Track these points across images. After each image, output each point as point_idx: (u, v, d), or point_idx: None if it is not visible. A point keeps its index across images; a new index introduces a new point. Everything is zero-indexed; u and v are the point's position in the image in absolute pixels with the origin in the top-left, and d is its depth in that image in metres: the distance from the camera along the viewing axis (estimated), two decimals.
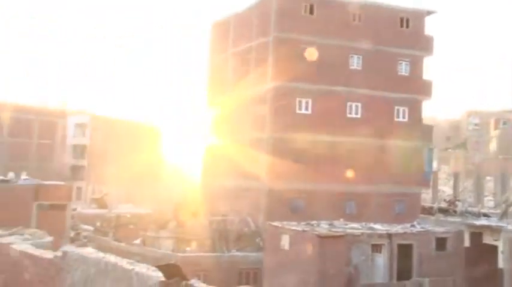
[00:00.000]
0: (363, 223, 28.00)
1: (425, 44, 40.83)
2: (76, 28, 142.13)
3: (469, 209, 38.33)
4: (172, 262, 15.34)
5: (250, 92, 38.61)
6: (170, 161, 71.52)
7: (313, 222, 27.07)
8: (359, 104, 38.63)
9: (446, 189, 72.13)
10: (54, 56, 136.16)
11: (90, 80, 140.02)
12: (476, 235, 28.63)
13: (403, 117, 39.92)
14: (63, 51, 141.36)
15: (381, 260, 24.42)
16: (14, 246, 14.89)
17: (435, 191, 63.24)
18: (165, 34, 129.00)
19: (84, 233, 40.40)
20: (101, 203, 54.52)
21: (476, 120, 75.26)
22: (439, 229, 27.09)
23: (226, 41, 42.77)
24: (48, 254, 13.82)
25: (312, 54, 36.56)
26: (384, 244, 24.54)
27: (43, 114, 62.97)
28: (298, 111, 37.11)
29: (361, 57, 38.83)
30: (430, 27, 41.48)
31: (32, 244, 15.78)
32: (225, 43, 42.91)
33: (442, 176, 73.48)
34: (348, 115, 38.45)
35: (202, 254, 31.47)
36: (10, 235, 23.02)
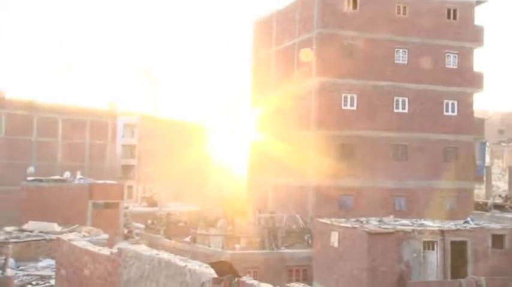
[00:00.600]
0: (414, 220, 27.58)
1: (474, 35, 39.77)
2: (122, 27, 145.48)
3: None
4: (223, 259, 15.58)
5: (294, 89, 38.61)
6: (217, 160, 72.30)
7: (363, 219, 26.89)
8: (406, 99, 38.04)
9: (500, 184, 69.94)
10: (102, 58, 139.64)
11: (137, 80, 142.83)
12: None
13: (453, 111, 39.04)
14: (110, 53, 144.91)
15: (434, 257, 23.99)
16: (74, 243, 15.48)
17: (489, 186, 61.45)
18: (210, 32, 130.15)
19: (136, 231, 41.46)
20: (151, 202, 55.83)
21: None
22: (495, 226, 26.31)
23: (269, 38, 42.91)
24: (105, 251, 14.28)
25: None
26: (436, 241, 24.10)
27: (94, 116, 64.87)
28: (343, 107, 36.85)
29: (407, 51, 38.21)
30: (480, 17, 40.39)
31: (89, 241, 16.37)
32: (268, 40, 43.06)
33: (495, 171, 71.25)
34: (395, 110, 37.92)
35: (251, 251, 31.73)
36: (69, 231, 23.98)
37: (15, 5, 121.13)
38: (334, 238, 25.15)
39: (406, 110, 38.10)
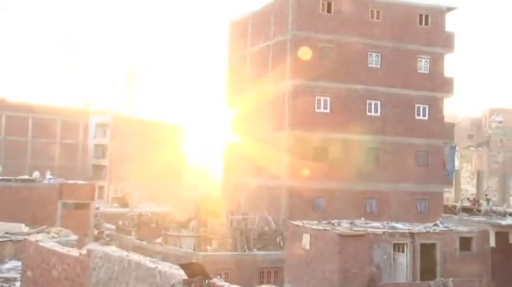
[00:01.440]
0: (385, 222, 27.85)
1: (445, 41, 40.47)
2: (94, 26, 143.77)
3: (494, 208, 37.82)
4: (194, 260, 15.49)
5: (269, 90, 38.68)
6: (191, 160, 71.95)
7: (334, 221, 27.02)
8: (378, 102, 38.47)
9: (469, 188, 71.35)
10: (75, 56, 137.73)
11: (110, 80, 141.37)
12: (502, 235, 28.17)
13: (424, 115, 39.62)
14: (83, 51, 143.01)
15: (404, 259, 24.25)
16: (41, 244, 15.21)
17: (458, 189, 62.61)
18: (186, 33, 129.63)
19: (107, 232, 40.93)
20: (122, 202, 55.18)
21: (500, 118, 74.17)
22: (463, 229, 26.72)
23: (245, 39, 42.92)
24: (74, 252, 14.08)
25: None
26: (406, 243, 24.36)
27: (66, 115, 63.90)
28: (317, 109, 37.06)
29: (380, 54, 38.66)
30: (450, 23, 41.11)
31: (58, 242, 16.09)
32: (243, 42, 43.07)
33: (464, 174, 72.65)
34: (368, 113, 38.30)
35: (223, 253, 31.66)
36: (37, 232, 23.52)
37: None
38: (306, 240, 25.23)
39: (378, 114, 38.51)
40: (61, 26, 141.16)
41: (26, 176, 38.01)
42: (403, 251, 24.31)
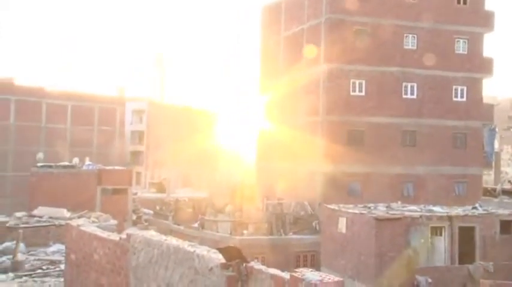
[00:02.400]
0: (422, 206, 27.55)
1: (485, 20, 39.33)
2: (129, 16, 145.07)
3: None
4: (231, 245, 15.67)
5: (303, 75, 38.46)
6: (226, 146, 72.41)
7: (370, 205, 26.89)
8: (414, 84, 37.82)
9: (509, 170, 69.70)
10: (111, 45, 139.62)
11: (146, 67, 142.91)
12: None
13: (462, 97, 38.77)
14: (120, 40, 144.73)
15: (441, 243, 23.98)
16: (83, 228, 15.62)
17: (498, 172, 61.22)
18: (219, 19, 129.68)
19: (145, 217, 41.74)
20: (159, 188, 56.11)
21: None
22: (503, 212, 26.22)
23: (278, 24, 42.65)
24: (114, 237, 14.40)
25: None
26: (444, 227, 24.07)
27: (103, 102, 65.09)
28: (352, 93, 36.71)
29: (416, 36, 37.89)
30: (490, 2, 39.93)
31: (98, 227, 16.51)
32: (277, 26, 42.80)
33: (504, 157, 70.95)
34: (404, 96, 37.72)
35: (259, 237, 31.88)
36: (78, 217, 24.22)
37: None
38: (342, 224, 25.20)
39: (414, 96, 37.90)
40: (91, 14, 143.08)
41: (66, 163, 39.01)
42: (440, 235, 24.03)
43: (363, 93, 36.84)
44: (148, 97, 77.77)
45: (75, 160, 38.92)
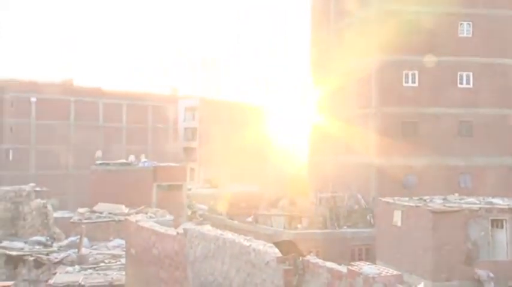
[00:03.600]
0: (481, 198, 26.76)
1: None
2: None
3: None
4: (287, 238, 15.76)
5: (354, 67, 38.02)
6: (277, 140, 72.52)
7: (426, 197, 26.36)
8: (470, 73, 36.69)
9: None
10: (161, 44, 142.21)
11: (196, 64, 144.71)
12: None
13: None
14: (169, 38, 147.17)
15: (503, 236, 23.21)
16: (141, 223, 16.12)
17: None
18: (269, 12, 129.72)
19: (200, 212, 42.42)
20: (213, 183, 56.85)
21: None
22: None
23: (328, 16, 42.30)
24: (172, 232, 14.79)
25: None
26: (505, 219, 23.29)
27: (156, 100, 66.58)
28: (405, 84, 36.01)
29: (471, 23, 36.71)
30: None
31: (156, 222, 16.99)
32: (327, 19, 42.47)
33: None
34: (459, 85, 36.67)
35: (313, 231, 31.86)
36: (136, 213, 24.97)
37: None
38: (397, 217, 24.82)
39: (470, 85, 36.78)
40: (144, 15, 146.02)
41: (123, 160, 40.15)
42: (502, 227, 23.27)
43: (416, 84, 36.08)
44: (200, 94, 78.85)
45: (131, 158, 40.00)
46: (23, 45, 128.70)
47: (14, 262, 22.18)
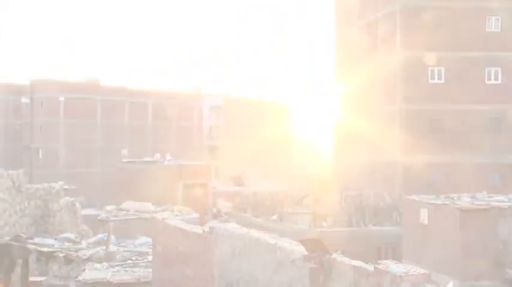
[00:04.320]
0: (510, 196, 26.26)
1: None
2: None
3: None
4: (313, 236, 15.74)
5: (379, 64, 37.71)
6: (301, 137, 72.39)
7: (453, 195, 26.00)
8: (499, 69, 36.06)
9: None
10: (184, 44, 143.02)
11: (220, 63, 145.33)
12: None
13: None
14: (191, 38, 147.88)
15: None
16: (167, 221, 16.29)
17: None
18: (293, 9, 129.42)
19: (225, 210, 42.55)
20: (238, 181, 57.00)
21: None
22: None
23: (352, 13, 42.04)
24: (198, 229, 14.89)
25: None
26: None
27: (181, 99, 67.13)
28: (430, 80, 35.61)
29: (499, 18, 36.05)
30: None
31: (181, 220, 17.13)
32: (351, 15, 42.21)
33: None
34: (487, 81, 36.07)
35: (338, 229, 31.68)
36: (162, 211, 25.22)
37: None
38: (424, 216, 24.55)
39: (499, 81, 36.16)
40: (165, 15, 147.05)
41: (148, 158, 40.57)
42: None
43: (442, 81, 35.62)
44: (224, 93, 79.14)
45: (157, 156, 40.38)
46: (23, 45, 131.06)
47: (45, 258, 22.67)
